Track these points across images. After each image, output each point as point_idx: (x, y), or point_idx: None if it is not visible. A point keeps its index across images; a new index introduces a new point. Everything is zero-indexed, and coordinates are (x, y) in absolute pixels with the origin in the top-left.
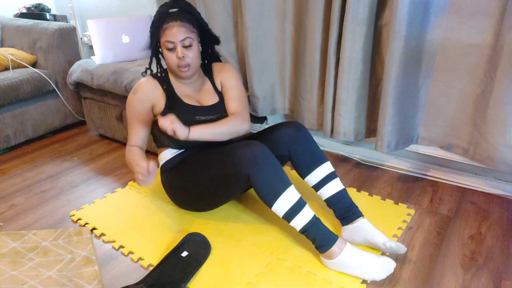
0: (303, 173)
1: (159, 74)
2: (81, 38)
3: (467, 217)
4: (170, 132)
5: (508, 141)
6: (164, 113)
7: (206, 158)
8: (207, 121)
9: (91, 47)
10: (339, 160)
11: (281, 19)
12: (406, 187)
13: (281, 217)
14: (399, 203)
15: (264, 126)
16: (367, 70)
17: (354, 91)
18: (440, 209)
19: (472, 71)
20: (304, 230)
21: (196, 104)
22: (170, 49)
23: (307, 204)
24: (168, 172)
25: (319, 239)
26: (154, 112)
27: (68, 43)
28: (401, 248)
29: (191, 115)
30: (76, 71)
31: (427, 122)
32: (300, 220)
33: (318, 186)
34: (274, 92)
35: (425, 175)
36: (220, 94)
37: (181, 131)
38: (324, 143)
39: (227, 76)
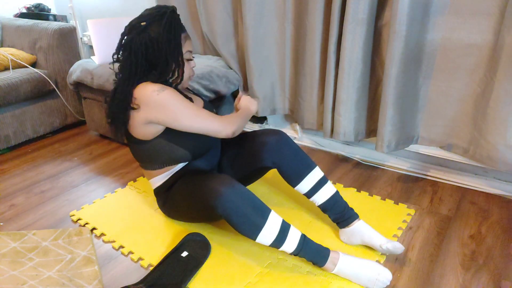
0: (293, 183)
1: (179, 89)
2: (81, 38)
3: (467, 217)
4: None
5: (508, 141)
6: None
7: (189, 188)
8: None
9: (91, 47)
10: (339, 160)
11: (281, 19)
12: (406, 187)
13: (267, 246)
14: (399, 203)
15: (265, 126)
16: (367, 70)
17: (354, 91)
18: (440, 209)
19: (472, 71)
20: (295, 254)
21: None
22: (188, 60)
23: (291, 227)
24: (162, 196)
25: (310, 259)
26: (156, 120)
27: (68, 43)
28: (398, 249)
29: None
30: (76, 71)
31: (427, 122)
32: (288, 247)
33: (310, 193)
34: (274, 92)
35: (425, 175)
36: (199, 96)
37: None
38: (324, 143)
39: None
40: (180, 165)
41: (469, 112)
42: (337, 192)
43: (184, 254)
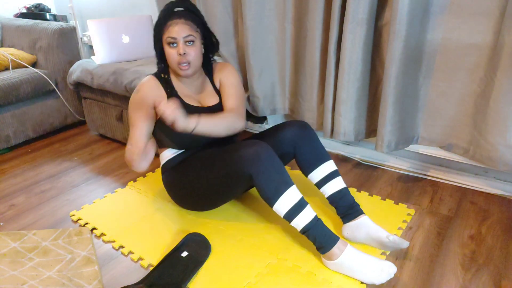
0: (306, 171)
1: (162, 75)
2: (81, 38)
3: (467, 217)
4: (168, 121)
5: (508, 141)
6: None
7: (208, 157)
8: None
9: (91, 47)
10: (339, 160)
11: (281, 19)
12: (406, 187)
13: (282, 216)
14: (399, 203)
15: (265, 126)
16: (367, 70)
17: (354, 91)
18: (440, 209)
19: (472, 71)
20: (305, 231)
21: (198, 104)
22: (171, 46)
23: (308, 205)
24: (170, 171)
25: (319, 240)
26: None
27: (68, 43)
28: (404, 242)
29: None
30: (76, 71)
31: (427, 122)
32: (301, 220)
33: (320, 183)
34: (274, 92)
35: (425, 175)
36: (219, 94)
37: (182, 122)
38: (324, 143)
39: (226, 75)
40: (178, 151)
41: (469, 112)
42: (346, 187)
43: (184, 254)
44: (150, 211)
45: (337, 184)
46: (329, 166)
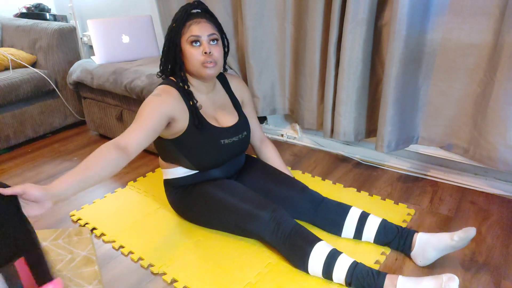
0: (337, 232)
1: (181, 85)
2: (81, 38)
3: (467, 217)
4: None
5: (508, 141)
6: (188, 132)
7: (223, 201)
8: (230, 144)
9: (91, 47)
10: (339, 160)
11: (281, 19)
12: (406, 187)
13: (322, 277)
14: (399, 203)
15: (264, 125)
16: (367, 70)
17: (354, 91)
18: (440, 209)
19: (472, 71)
20: (349, 282)
21: (216, 123)
22: (194, 45)
23: (342, 254)
24: (177, 189)
25: (368, 285)
26: (172, 126)
27: (68, 43)
28: (470, 230)
29: (216, 138)
30: (76, 71)
31: (427, 122)
32: (339, 272)
33: (358, 234)
34: (274, 92)
35: (425, 175)
36: (239, 111)
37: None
38: (324, 143)
39: (246, 93)
40: (191, 171)
41: (469, 112)
42: (383, 220)
43: None
44: (150, 211)
45: (373, 224)
46: (354, 214)
